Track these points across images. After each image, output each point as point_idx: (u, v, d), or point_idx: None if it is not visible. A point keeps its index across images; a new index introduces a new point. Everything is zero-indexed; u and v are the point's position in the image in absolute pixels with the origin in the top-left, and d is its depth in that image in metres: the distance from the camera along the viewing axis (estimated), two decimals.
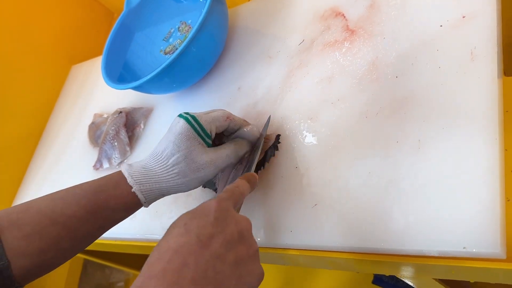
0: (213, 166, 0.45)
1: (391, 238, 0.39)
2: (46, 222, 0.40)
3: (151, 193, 0.44)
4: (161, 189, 0.44)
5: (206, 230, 0.33)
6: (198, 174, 0.45)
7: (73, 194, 0.43)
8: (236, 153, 0.48)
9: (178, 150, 0.44)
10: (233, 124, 0.49)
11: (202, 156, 0.45)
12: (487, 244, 0.34)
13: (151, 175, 0.44)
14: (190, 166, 0.44)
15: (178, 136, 0.45)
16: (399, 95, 0.45)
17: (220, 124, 0.47)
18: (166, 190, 0.45)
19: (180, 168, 0.44)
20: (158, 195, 0.45)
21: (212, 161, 0.45)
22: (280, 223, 0.47)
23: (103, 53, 0.68)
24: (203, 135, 0.46)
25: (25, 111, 0.97)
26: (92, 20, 1.15)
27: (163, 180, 0.44)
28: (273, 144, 0.52)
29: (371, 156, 0.44)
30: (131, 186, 0.43)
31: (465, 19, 0.44)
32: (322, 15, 0.58)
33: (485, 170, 0.36)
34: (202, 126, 0.46)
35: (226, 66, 0.67)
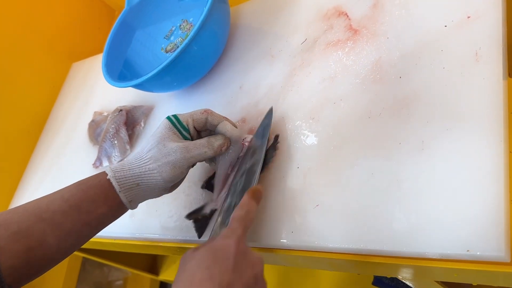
0: (184, 150, 0.46)
1: (393, 240, 0.38)
2: (32, 219, 0.41)
3: (126, 180, 0.45)
4: (135, 176, 0.45)
5: (227, 277, 0.34)
6: (169, 157, 0.46)
7: (58, 191, 0.44)
8: (209, 143, 0.48)
9: (153, 139, 0.47)
10: (211, 119, 0.50)
11: (175, 143, 0.47)
12: (491, 247, 0.33)
13: (126, 163, 0.46)
14: (161, 151, 0.46)
15: (158, 130, 0.48)
16: (402, 95, 0.44)
17: (197, 117, 0.49)
18: (139, 178, 0.45)
19: (152, 153, 0.46)
20: (133, 183, 0.45)
21: (184, 146, 0.46)
22: (281, 224, 0.46)
23: (103, 51, 0.68)
24: (179, 126, 0.48)
25: (25, 108, 0.97)
26: (93, 17, 1.14)
27: (136, 166, 0.46)
28: (272, 144, 0.51)
29: (373, 157, 0.43)
30: (106, 174, 0.45)
31: (470, 20, 0.44)
32: (325, 14, 0.58)
33: (489, 172, 0.36)
34: (178, 119, 0.49)
35: (228, 64, 0.66)
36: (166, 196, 0.59)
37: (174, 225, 0.56)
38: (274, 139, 0.51)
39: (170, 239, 0.56)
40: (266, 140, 0.50)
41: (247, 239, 0.40)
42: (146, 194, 0.47)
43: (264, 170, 0.50)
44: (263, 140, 0.50)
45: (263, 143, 0.50)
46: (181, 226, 0.55)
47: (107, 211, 0.45)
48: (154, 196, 0.48)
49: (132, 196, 0.46)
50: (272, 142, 0.51)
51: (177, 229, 0.55)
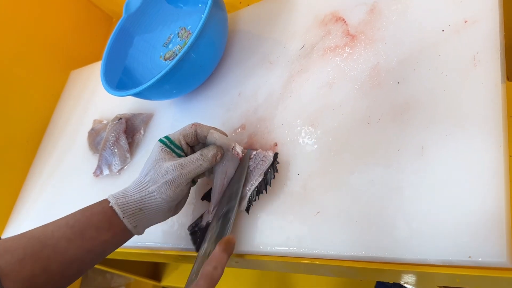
0: (179, 167, 0.47)
1: (394, 246, 0.38)
2: (37, 246, 0.41)
3: (128, 206, 0.45)
4: (136, 201, 0.46)
5: None
6: (166, 177, 0.46)
7: (64, 218, 0.45)
8: (203, 155, 0.48)
9: (149, 162, 0.48)
10: (200, 131, 0.50)
11: (169, 162, 0.47)
12: (492, 253, 0.33)
13: (128, 190, 0.47)
14: (157, 172, 0.47)
15: (151, 154, 0.49)
16: (401, 101, 0.44)
17: (186, 132, 0.50)
18: (141, 202, 0.46)
19: (150, 176, 0.47)
20: (135, 209, 0.46)
21: (178, 163, 0.47)
22: (282, 231, 0.46)
23: (102, 60, 0.68)
24: (172, 146, 0.49)
25: (25, 117, 0.97)
26: (91, 25, 1.14)
27: (137, 191, 0.46)
28: (271, 164, 0.50)
29: (373, 163, 0.43)
30: (109, 201, 0.46)
31: (467, 24, 0.44)
32: (323, 20, 0.58)
33: (489, 177, 0.36)
34: (169, 139, 0.50)
35: (226, 71, 0.66)
36: None
37: (175, 234, 0.56)
38: (274, 157, 0.50)
39: (171, 247, 0.56)
40: (242, 184, 0.50)
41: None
42: (151, 218, 0.47)
43: (268, 190, 0.49)
44: (238, 186, 0.50)
45: (239, 189, 0.50)
46: (181, 234, 0.55)
47: (111, 238, 0.45)
48: (160, 220, 0.49)
49: (136, 221, 0.46)
50: (272, 162, 0.50)
51: (178, 238, 0.55)
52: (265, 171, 0.50)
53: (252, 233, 0.49)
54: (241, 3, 0.80)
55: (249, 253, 0.48)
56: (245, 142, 0.56)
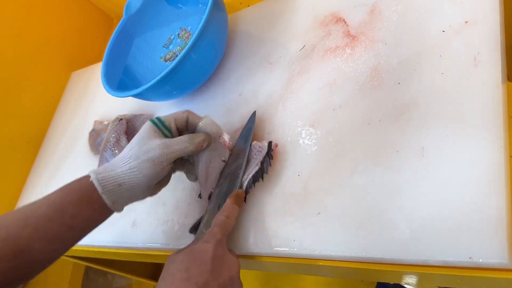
0: (164, 146, 0.47)
1: (395, 247, 0.38)
2: (20, 225, 0.41)
3: (108, 181, 0.45)
4: (117, 176, 0.45)
5: (204, 278, 0.39)
6: (149, 154, 0.46)
7: (45, 197, 0.45)
8: (191, 139, 0.49)
9: (135, 139, 0.48)
10: (192, 118, 0.50)
11: (155, 140, 0.47)
12: (493, 254, 0.33)
13: (109, 164, 0.46)
14: (141, 148, 0.46)
15: (139, 132, 0.49)
16: (401, 101, 0.44)
17: (178, 117, 0.50)
18: (121, 178, 0.45)
19: (133, 151, 0.46)
20: (115, 185, 0.45)
21: (163, 142, 0.47)
22: (283, 232, 0.46)
23: (103, 61, 0.68)
24: (161, 126, 0.49)
25: (26, 119, 0.97)
26: (92, 26, 1.15)
27: (118, 166, 0.46)
28: (266, 153, 0.51)
29: (374, 164, 0.43)
30: (89, 176, 0.45)
31: (468, 25, 0.44)
32: (323, 21, 0.58)
33: (490, 178, 0.36)
34: (160, 119, 0.49)
35: (227, 72, 0.66)
36: (168, 204, 0.59)
37: (175, 234, 0.56)
38: (268, 146, 0.51)
39: (171, 248, 0.56)
40: (249, 143, 0.52)
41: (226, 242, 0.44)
42: (130, 194, 0.46)
43: (264, 179, 0.50)
44: (246, 144, 0.52)
45: (246, 146, 0.51)
46: (182, 234, 0.55)
47: (91, 214, 0.45)
48: (139, 197, 0.48)
49: (115, 197, 0.45)
50: (267, 151, 0.51)
51: (178, 238, 0.55)
52: (262, 160, 0.50)
53: (252, 234, 0.48)
54: (241, 3, 0.80)
55: (250, 254, 0.48)
56: None
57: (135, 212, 0.63)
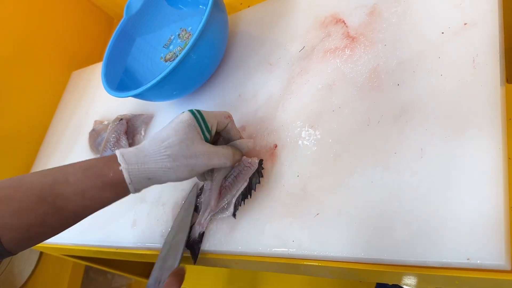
0: (206, 158, 0.45)
1: (394, 248, 0.39)
2: (34, 199, 0.40)
3: (138, 174, 0.43)
4: (148, 171, 0.43)
5: None
6: (190, 160, 0.44)
7: (64, 172, 0.43)
8: (232, 156, 0.48)
9: (175, 134, 0.44)
10: (231, 126, 0.50)
11: (198, 145, 0.45)
12: (491, 256, 0.33)
13: (141, 155, 0.44)
14: (183, 151, 0.44)
15: (179, 123, 0.45)
16: (400, 103, 0.44)
17: (221, 120, 0.48)
18: (153, 172, 0.44)
19: (172, 151, 0.44)
20: (145, 178, 0.44)
21: (207, 152, 0.45)
22: (282, 232, 0.46)
23: (103, 61, 0.68)
24: (203, 127, 0.46)
25: (26, 118, 0.97)
26: (92, 26, 1.15)
27: (152, 161, 0.43)
28: (256, 170, 0.50)
29: (373, 165, 0.43)
30: (119, 164, 0.43)
31: (467, 26, 0.44)
32: (323, 22, 0.58)
33: (488, 179, 0.36)
34: (204, 118, 0.46)
35: (227, 72, 0.67)
36: (168, 204, 0.59)
37: None
38: (259, 164, 0.51)
39: None
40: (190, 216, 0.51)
41: None
42: (154, 184, 0.46)
43: (252, 195, 0.50)
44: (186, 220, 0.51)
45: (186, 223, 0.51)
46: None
47: (112, 197, 0.44)
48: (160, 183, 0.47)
49: (140, 187, 0.44)
50: (257, 168, 0.50)
51: None
52: (250, 177, 0.50)
53: (251, 234, 0.49)
54: (241, 4, 0.80)
55: (249, 255, 0.49)
56: None
57: (135, 212, 0.63)
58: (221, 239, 0.51)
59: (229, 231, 0.51)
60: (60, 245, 0.73)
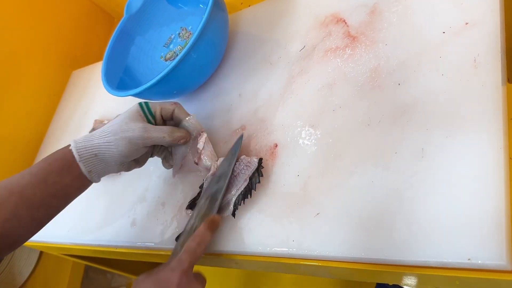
0: (142, 130, 0.49)
1: (394, 248, 0.38)
2: (5, 194, 0.45)
3: (85, 151, 0.48)
4: (93, 146, 0.48)
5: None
6: (127, 133, 0.49)
7: (28, 168, 0.48)
8: (171, 131, 0.52)
9: (119, 117, 0.51)
10: (178, 111, 0.54)
11: (137, 122, 0.50)
12: (492, 256, 0.33)
13: (89, 135, 0.50)
14: (121, 127, 0.49)
15: (125, 112, 0.52)
16: (401, 102, 0.44)
17: (165, 107, 0.54)
18: (97, 148, 0.48)
19: (113, 128, 0.49)
20: (90, 155, 0.48)
21: (143, 126, 0.50)
22: (282, 232, 0.46)
23: (103, 60, 0.68)
24: (146, 111, 0.52)
25: (25, 117, 0.97)
26: (92, 25, 1.15)
27: (96, 137, 0.49)
28: (256, 169, 0.50)
29: (373, 165, 0.43)
30: (70, 145, 0.48)
31: (468, 26, 0.44)
32: (323, 21, 0.58)
33: (489, 179, 0.36)
34: (148, 105, 0.53)
35: (227, 72, 0.66)
36: (167, 204, 0.59)
37: (174, 234, 0.56)
38: (258, 163, 0.51)
39: (170, 247, 0.56)
40: (232, 167, 0.52)
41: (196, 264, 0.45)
42: (104, 166, 0.49)
43: (252, 195, 0.50)
44: (229, 168, 0.52)
45: (229, 170, 0.51)
46: None
47: (71, 181, 0.48)
48: (113, 170, 0.51)
49: (91, 166, 0.48)
50: (257, 167, 0.50)
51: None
52: (250, 176, 0.50)
53: (251, 234, 0.49)
54: (242, 3, 0.80)
55: (249, 254, 0.48)
56: (245, 143, 0.56)
57: (135, 211, 0.63)
58: (221, 238, 0.51)
59: (229, 231, 0.51)
60: (59, 244, 0.73)
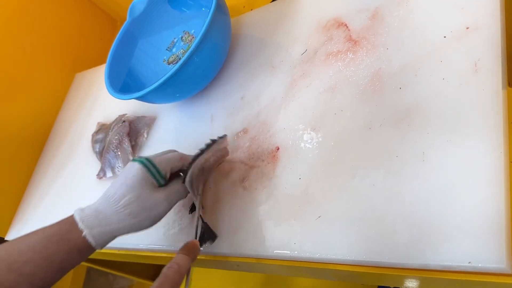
0: (166, 203, 0.47)
1: (395, 251, 0.39)
2: (3, 269, 0.41)
3: (102, 236, 0.45)
4: (112, 231, 0.45)
5: None
6: (151, 213, 0.46)
7: (27, 242, 0.43)
8: (183, 187, 0.49)
9: (131, 191, 0.45)
10: (184, 164, 0.51)
11: (154, 195, 0.46)
12: (492, 259, 0.33)
13: (102, 217, 0.45)
14: (142, 206, 0.45)
15: (131, 178, 0.46)
16: (402, 106, 0.45)
17: (174, 165, 0.50)
18: (117, 231, 0.45)
19: (131, 209, 0.45)
20: (110, 237, 0.45)
21: (164, 198, 0.47)
22: (284, 235, 0.46)
23: (106, 62, 0.68)
24: (157, 176, 0.47)
25: (29, 119, 0.97)
26: (96, 28, 1.15)
27: (114, 222, 0.45)
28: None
29: (375, 168, 0.43)
30: (82, 231, 0.44)
31: (469, 30, 0.44)
32: (325, 25, 0.58)
33: (490, 183, 0.36)
34: (157, 168, 0.47)
35: (229, 75, 0.67)
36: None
37: (176, 236, 0.56)
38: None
39: (172, 250, 0.56)
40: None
41: None
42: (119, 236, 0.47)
43: None
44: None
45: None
46: (183, 237, 0.55)
47: (80, 258, 0.45)
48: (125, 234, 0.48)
49: (106, 244, 0.46)
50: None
51: (179, 240, 0.56)
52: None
53: (253, 236, 0.49)
54: (244, 7, 0.81)
55: (250, 257, 0.49)
56: (247, 146, 0.56)
57: None
58: (223, 241, 0.51)
59: (231, 233, 0.51)
60: None
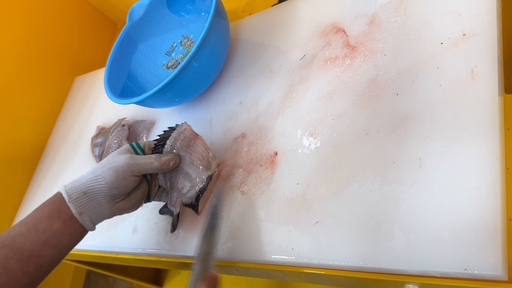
0: (129, 158, 0.49)
1: (392, 257, 0.39)
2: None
3: (74, 191, 0.46)
4: (81, 185, 0.47)
5: None
6: (114, 164, 0.48)
7: (20, 220, 0.46)
8: (158, 156, 0.51)
9: (108, 156, 0.50)
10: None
11: (124, 155, 0.49)
12: (488, 266, 0.34)
13: (78, 177, 0.48)
14: (108, 160, 0.49)
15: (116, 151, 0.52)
16: (399, 112, 0.45)
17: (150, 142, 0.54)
18: (85, 186, 0.47)
19: (101, 163, 0.49)
20: (80, 193, 0.46)
21: (130, 155, 0.49)
22: (281, 240, 0.47)
23: (106, 67, 0.69)
24: (135, 147, 0.52)
25: (29, 122, 0.98)
26: (96, 32, 1.16)
27: (84, 176, 0.48)
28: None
29: (372, 174, 0.44)
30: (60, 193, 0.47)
31: (465, 37, 0.44)
32: (323, 31, 0.58)
33: (486, 189, 0.36)
34: (138, 143, 0.53)
35: (228, 80, 0.67)
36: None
37: (175, 240, 0.56)
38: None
39: (171, 254, 0.56)
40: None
41: None
42: (96, 206, 0.47)
43: None
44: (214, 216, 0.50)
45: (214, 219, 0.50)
46: (182, 241, 0.55)
47: (63, 226, 0.45)
48: (105, 212, 0.48)
49: (81, 207, 0.46)
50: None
51: (178, 244, 0.56)
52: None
53: (251, 241, 0.49)
54: (243, 12, 0.81)
55: (249, 262, 0.49)
56: (245, 151, 0.57)
57: (136, 218, 0.64)
58: (221, 246, 0.51)
59: (229, 238, 0.51)
60: None
